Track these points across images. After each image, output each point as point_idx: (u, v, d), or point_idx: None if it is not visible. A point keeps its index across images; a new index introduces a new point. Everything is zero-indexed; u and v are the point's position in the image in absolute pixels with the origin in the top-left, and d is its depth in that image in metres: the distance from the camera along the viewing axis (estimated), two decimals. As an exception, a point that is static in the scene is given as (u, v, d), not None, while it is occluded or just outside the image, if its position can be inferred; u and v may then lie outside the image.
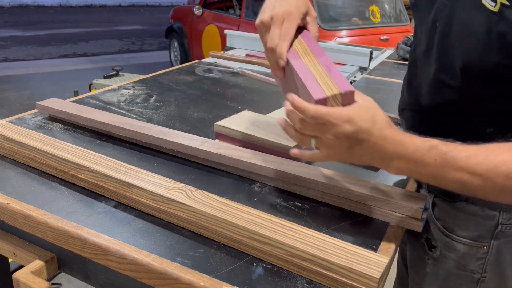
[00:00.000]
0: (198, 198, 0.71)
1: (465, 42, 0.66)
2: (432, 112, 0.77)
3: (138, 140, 0.97)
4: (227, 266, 0.63)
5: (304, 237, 0.64)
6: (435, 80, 0.74)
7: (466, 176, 0.58)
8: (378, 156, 0.62)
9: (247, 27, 3.87)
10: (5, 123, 0.96)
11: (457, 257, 0.79)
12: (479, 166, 0.57)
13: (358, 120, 0.60)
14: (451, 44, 0.69)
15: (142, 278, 0.64)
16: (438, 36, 0.72)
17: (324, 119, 0.60)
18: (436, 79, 0.73)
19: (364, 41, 3.28)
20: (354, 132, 0.60)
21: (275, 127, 0.97)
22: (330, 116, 0.60)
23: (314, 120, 0.61)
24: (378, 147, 0.61)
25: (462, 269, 0.79)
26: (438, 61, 0.73)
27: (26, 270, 0.70)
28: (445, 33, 0.70)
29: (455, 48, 0.68)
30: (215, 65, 1.75)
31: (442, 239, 0.80)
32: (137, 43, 7.33)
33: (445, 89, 0.72)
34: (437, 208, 0.81)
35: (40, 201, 0.76)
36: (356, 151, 0.62)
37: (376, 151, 0.61)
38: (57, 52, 6.35)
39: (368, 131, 0.60)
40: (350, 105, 0.62)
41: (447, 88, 0.72)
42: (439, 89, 0.74)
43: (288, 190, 0.83)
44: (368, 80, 1.67)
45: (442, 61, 0.72)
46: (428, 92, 0.77)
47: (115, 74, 3.04)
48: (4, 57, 5.89)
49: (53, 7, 11.09)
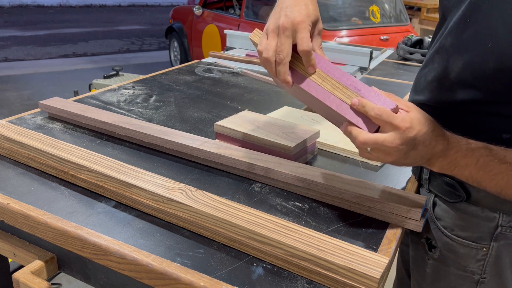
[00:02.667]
0: (198, 198, 0.71)
1: (501, 43, 0.62)
2: (447, 110, 0.74)
3: (138, 140, 0.97)
4: (227, 266, 0.63)
5: (304, 237, 0.64)
6: (458, 78, 0.70)
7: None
8: (428, 156, 0.63)
9: (247, 27, 3.87)
10: (5, 123, 0.96)
11: (457, 257, 0.79)
12: None
13: (417, 124, 0.61)
14: (484, 43, 0.65)
15: (142, 278, 0.64)
16: (468, 33, 0.68)
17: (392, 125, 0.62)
18: (459, 77, 0.70)
19: (364, 41, 3.28)
20: (415, 135, 0.61)
21: (275, 127, 0.97)
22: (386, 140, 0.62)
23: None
24: (430, 149, 0.62)
25: (462, 269, 0.79)
26: (463, 59, 0.69)
27: (26, 270, 0.70)
28: (477, 32, 0.66)
29: (487, 49, 0.64)
30: (215, 65, 1.75)
31: (442, 239, 0.80)
32: (137, 43, 7.32)
33: (467, 89, 0.69)
34: (438, 208, 0.81)
35: (40, 201, 0.76)
36: (411, 155, 0.63)
37: (428, 152, 0.63)
38: (57, 52, 6.35)
39: (425, 134, 0.62)
40: (407, 114, 0.63)
41: (470, 88, 0.69)
42: (460, 88, 0.70)
43: (288, 190, 0.83)
44: (368, 80, 1.66)
45: (470, 60, 0.68)
46: (448, 88, 0.73)
47: (115, 74, 3.04)
48: (4, 57, 5.89)
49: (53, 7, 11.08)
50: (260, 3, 4.00)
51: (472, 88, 0.69)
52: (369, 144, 0.63)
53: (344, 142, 1.02)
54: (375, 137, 0.62)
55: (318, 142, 1.01)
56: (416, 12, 4.91)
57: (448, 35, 0.72)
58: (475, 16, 0.66)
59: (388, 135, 0.62)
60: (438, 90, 0.75)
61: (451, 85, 0.72)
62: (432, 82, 0.76)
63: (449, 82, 0.72)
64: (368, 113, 0.63)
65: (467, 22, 0.68)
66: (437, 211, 0.81)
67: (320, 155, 1.01)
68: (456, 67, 0.70)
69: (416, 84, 0.83)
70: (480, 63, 0.65)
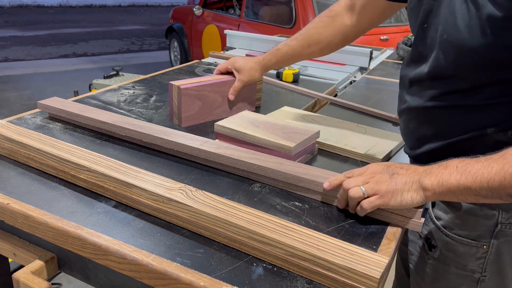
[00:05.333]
0: (198, 198, 0.71)
1: (452, 32, 0.69)
2: (433, 111, 0.78)
3: (138, 140, 0.97)
4: (227, 266, 0.63)
5: (304, 237, 0.64)
6: (430, 75, 0.75)
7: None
8: (416, 178, 0.68)
9: (247, 27, 3.87)
10: (5, 123, 0.96)
11: (457, 256, 0.79)
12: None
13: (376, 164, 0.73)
14: (441, 38, 0.71)
15: (142, 278, 0.64)
16: (429, 36, 0.75)
17: (360, 171, 0.73)
18: (431, 74, 0.75)
19: (364, 41, 3.28)
20: (385, 166, 0.71)
21: (275, 127, 0.97)
22: (357, 170, 0.75)
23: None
24: (412, 171, 0.69)
25: (462, 268, 0.79)
26: (433, 58, 0.74)
27: (26, 270, 0.70)
28: (435, 30, 0.73)
29: (444, 40, 0.71)
30: (215, 65, 1.75)
31: (442, 238, 0.80)
32: (137, 43, 7.33)
33: (439, 82, 0.74)
34: (437, 207, 0.81)
35: (40, 201, 0.76)
36: (397, 179, 0.69)
37: (411, 173, 0.69)
38: (57, 52, 6.35)
39: (394, 165, 0.71)
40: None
41: (443, 80, 0.74)
42: (435, 84, 0.76)
43: (288, 190, 0.83)
44: (368, 80, 1.66)
45: (436, 56, 0.73)
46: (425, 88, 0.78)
47: (115, 74, 3.03)
48: (4, 57, 5.89)
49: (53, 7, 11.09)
50: (260, 3, 4.00)
51: (444, 80, 0.74)
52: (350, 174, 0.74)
53: (344, 142, 1.02)
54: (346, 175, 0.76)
55: (318, 142, 1.01)
56: (416, 12, 4.91)
57: (415, 44, 0.80)
58: (429, 19, 0.75)
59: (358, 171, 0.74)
60: (418, 91, 0.80)
61: (427, 84, 0.77)
62: (412, 84, 0.82)
63: (426, 81, 0.78)
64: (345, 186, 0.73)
65: (424, 27, 0.76)
66: (436, 211, 0.81)
67: (320, 155, 1.01)
68: (428, 67, 0.76)
69: (400, 92, 0.89)
70: (444, 56, 0.71)
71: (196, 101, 1.10)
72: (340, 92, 1.58)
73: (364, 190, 0.69)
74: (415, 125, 0.82)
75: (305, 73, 1.70)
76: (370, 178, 0.70)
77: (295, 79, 1.58)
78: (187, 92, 1.07)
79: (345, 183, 0.72)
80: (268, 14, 3.87)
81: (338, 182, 0.75)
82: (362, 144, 1.02)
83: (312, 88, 1.48)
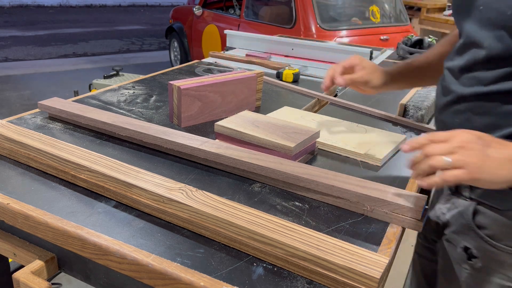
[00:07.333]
0: (198, 198, 0.71)
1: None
2: (489, 97, 0.72)
3: (138, 140, 0.97)
4: (227, 266, 0.63)
5: (304, 237, 0.64)
6: (488, 58, 0.71)
7: None
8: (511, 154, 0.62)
9: (247, 27, 3.86)
10: (5, 123, 0.96)
11: (501, 268, 0.74)
12: None
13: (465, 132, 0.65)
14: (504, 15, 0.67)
15: (142, 278, 0.64)
16: (483, 18, 0.70)
17: (445, 136, 0.65)
18: (490, 56, 0.71)
19: (364, 41, 3.28)
20: (476, 136, 0.63)
21: (275, 127, 0.97)
22: (445, 133, 0.65)
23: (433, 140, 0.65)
24: (505, 147, 0.63)
25: (508, 280, 0.74)
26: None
27: (26, 270, 0.70)
28: (493, 10, 0.68)
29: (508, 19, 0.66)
30: (215, 65, 1.75)
31: (487, 249, 0.74)
32: (137, 43, 7.32)
33: (498, 64, 0.69)
34: (481, 216, 0.75)
35: (40, 201, 0.76)
36: (491, 152, 0.62)
37: (506, 148, 0.63)
38: (57, 52, 6.35)
39: (487, 136, 0.64)
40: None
41: (504, 61, 0.69)
42: (492, 67, 0.71)
43: (288, 190, 0.83)
44: (368, 80, 1.66)
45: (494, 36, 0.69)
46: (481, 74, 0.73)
47: (115, 74, 3.03)
48: (4, 57, 5.89)
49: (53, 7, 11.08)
50: (260, 3, 4.00)
51: (505, 61, 0.69)
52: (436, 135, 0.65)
53: (344, 142, 1.02)
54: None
55: (318, 142, 1.01)
56: (416, 12, 4.91)
57: (463, 33, 0.76)
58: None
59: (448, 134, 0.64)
60: (472, 78, 0.74)
61: (485, 67, 0.72)
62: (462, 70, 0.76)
63: (482, 65, 0.72)
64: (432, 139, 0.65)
65: (481, 10, 0.71)
66: (479, 220, 0.75)
67: (320, 155, 1.01)
68: (486, 50, 0.71)
69: (439, 89, 0.84)
70: (508, 33, 0.66)
71: (196, 101, 1.10)
72: (340, 92, 1.58)
73: (450, 161, 0.62)
74: (464, 118, 0.76)
75: (305, 73, 1.70)
76: (458, 148, 0.62)
77: (295, 79, 1.58)
78: (187, 92, 1.07)
79: (429, 149, 0.64)
80: (268, 14, 3.87)
81: (419, 146, 0.66)
82: (362, 144, 1.02)
83: (312, 88, 1.48)
